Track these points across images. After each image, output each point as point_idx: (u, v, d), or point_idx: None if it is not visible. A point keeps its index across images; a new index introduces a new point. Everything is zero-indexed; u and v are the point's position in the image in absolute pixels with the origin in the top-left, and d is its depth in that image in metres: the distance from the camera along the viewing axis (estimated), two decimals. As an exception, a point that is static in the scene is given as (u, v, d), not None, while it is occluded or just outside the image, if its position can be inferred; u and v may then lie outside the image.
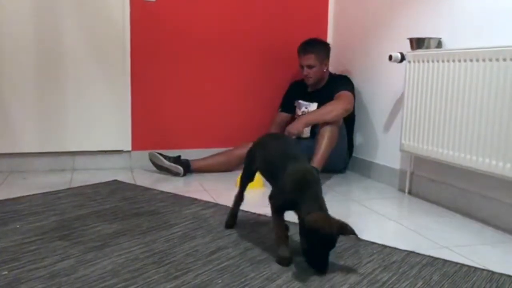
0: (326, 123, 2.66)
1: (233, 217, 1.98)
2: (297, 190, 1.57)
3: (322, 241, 1.49)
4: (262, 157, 1.80)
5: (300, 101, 3.15)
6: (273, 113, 3.01)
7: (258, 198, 2.47)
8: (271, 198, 1.68)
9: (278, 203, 1.65)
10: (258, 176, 2.71)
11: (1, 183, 2.66)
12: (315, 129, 2.81)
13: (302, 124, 2.69)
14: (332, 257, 1.65)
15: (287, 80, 3.37)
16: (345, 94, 2.86)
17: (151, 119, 3.14)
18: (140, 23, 3.06)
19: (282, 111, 3.23)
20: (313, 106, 3.05)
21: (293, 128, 2.66)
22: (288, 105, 3.22)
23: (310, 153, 2.65)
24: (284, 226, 1.70)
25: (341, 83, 2.99)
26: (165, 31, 3.13)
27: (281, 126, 3.15)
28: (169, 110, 3.18)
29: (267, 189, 1.75)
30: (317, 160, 2.60)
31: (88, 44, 2.97)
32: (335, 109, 2.75)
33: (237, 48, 3.29)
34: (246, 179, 1.94)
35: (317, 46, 3.04)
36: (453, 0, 2.36)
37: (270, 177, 1.76)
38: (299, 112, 3.13)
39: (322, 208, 1.54)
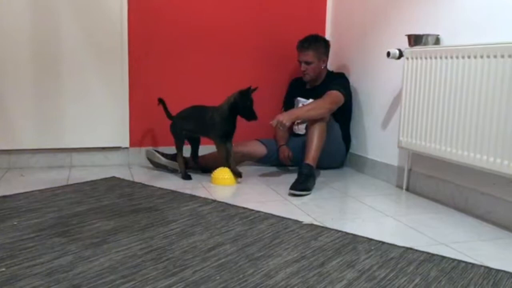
0: (315, 120, 2.67)
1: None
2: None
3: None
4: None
5: (299, 98, 3.15)
6: (272, 110, 3.00)
7: (255, 195, 2.47)
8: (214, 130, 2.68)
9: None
10: (230, 173, 2.73)
11: (-2, 180, 2.66)
12: None
13: (288, 119, 2.61)
14: (330, 252, 1.67)
15: (286, 77, 3.37)
16: (333, 93, 2.85)
17: (149, 115, 3.14)
18: (138, 20, 3.05)
19: (285, 110, 3.22)
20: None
21: (280, 117, 2.60)
22: (290, 104, 3.21)
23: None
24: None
25: (336, 81, 2.98)
26: (164, 28, 3.12)
27: None
28: (167, 107, 3.17)
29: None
30: (312, 156, 2.60)
31: (86, 41, 2.96)
32: (321, 107, 2.73)
33: (236, 45, 3.29)
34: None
35: (316, 43, 3.03)
36: (451, -3, 2.36)
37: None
38: (296, 110, 3.12)
39: None
